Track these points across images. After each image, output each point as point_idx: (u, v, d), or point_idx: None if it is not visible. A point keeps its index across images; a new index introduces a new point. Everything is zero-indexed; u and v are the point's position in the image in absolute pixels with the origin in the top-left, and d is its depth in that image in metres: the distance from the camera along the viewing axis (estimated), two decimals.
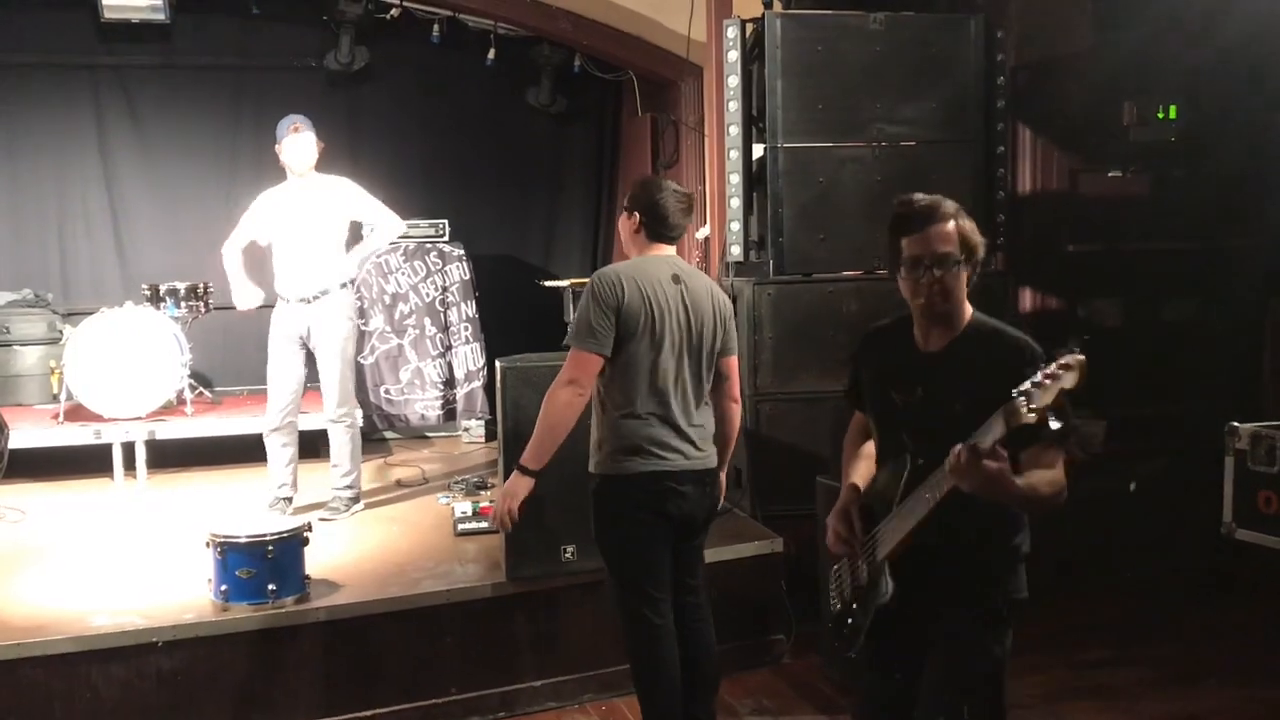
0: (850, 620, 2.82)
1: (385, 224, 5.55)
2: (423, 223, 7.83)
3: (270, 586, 4.10)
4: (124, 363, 6.67)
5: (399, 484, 6.39)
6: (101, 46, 8.04)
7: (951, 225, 2.61)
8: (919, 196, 2.66)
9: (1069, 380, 2.19)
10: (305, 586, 4.25)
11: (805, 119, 5.32)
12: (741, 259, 5.40)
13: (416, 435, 7.89)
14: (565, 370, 3.39)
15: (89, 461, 6.71)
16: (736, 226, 5.38)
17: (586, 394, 3.40)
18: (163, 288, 7.33)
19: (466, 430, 7.73)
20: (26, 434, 6.57)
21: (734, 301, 5.33)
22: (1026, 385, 2.21)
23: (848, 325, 5.24)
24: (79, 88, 8.11)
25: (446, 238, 7.86)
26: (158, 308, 7.26)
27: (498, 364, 4.41)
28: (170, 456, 6.92)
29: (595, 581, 4.40)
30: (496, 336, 7.89)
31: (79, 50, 8.02)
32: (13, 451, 6.55)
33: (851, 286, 5.30)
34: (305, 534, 4.27)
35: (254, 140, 8.17)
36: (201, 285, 7.44)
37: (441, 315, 7.73)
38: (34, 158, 8.07)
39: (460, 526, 5.13)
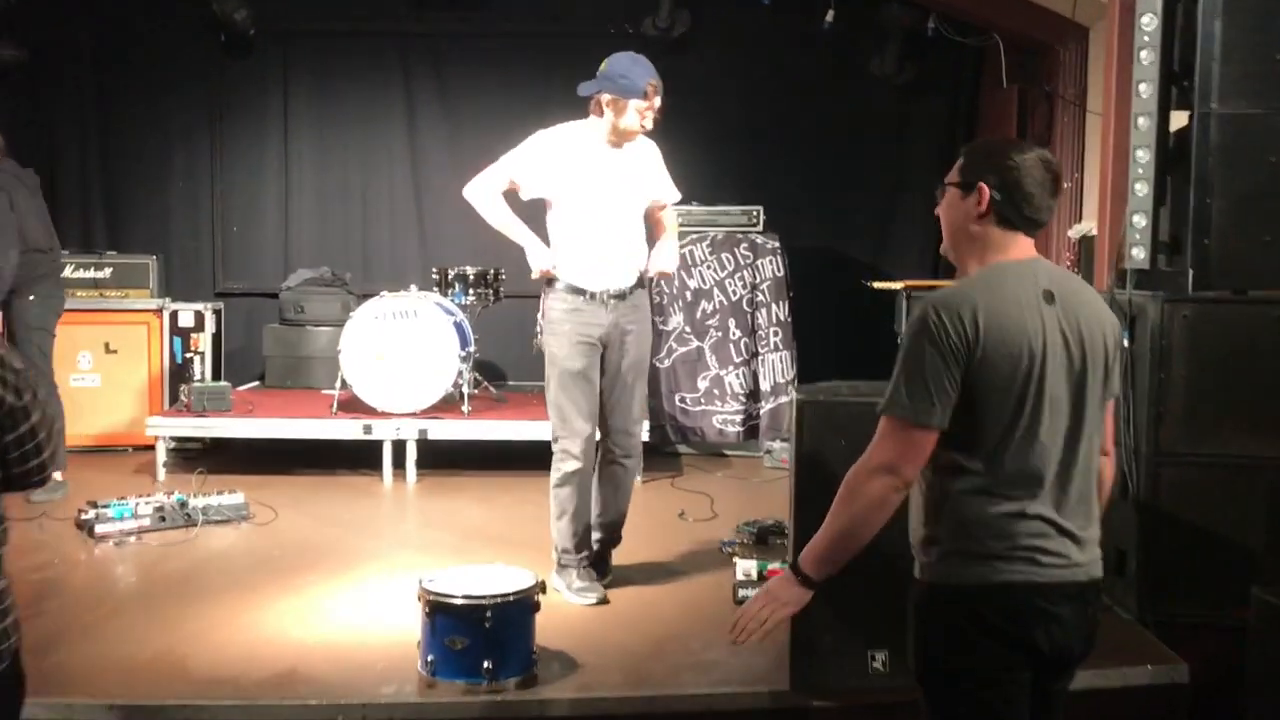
0: None
1: (673, 203, 4.48)
2: (734, 209, 6.79)
3: (486, 664, 3.19)
4: (399, 353, 6.10)
5: (681, 516, 5.39)
6: (412, 14, 7.61)
7: None
8: None
9: None
10: (532, 665, 3.32)
11: (1254, 75, 3.79)
12: (1145, 266, 3.94)
13: (713, 452, 6.88)
14: (877, 449, 2.24)
15: (363, 455, 6.21)
16: (1141, 221, 3.93)
17: (907, 486, 2.24)
18: (451, 272, 6.74)
19: (769, 453, 6.63)
20: (298, 426, 6.16)
21: (1131, 324, 3.91)
22: None
23: None
24: (388, 57, 7.75)
25: (760, 227, 6.77)
26: (445, 294, 6.68)
27: (793, 394, 3.31)
28: (447, 456, 6.30)
29: (913, 701, 3.20)
30: (811, 345, 6.76)
31: (392, 16, 7.64)
32: (289, 441, 6.20)
33: None
34: (536, 597, 3.34)
35: (563, 114, 7.44)
36: (492, 272, 6.81)
37: (748, 317, 6.66)
38: (342, 130, 7.80)
39: (741, 593, 4.04)
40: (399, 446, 6.09)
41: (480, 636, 3.19)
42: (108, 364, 6.79)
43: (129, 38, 7.54)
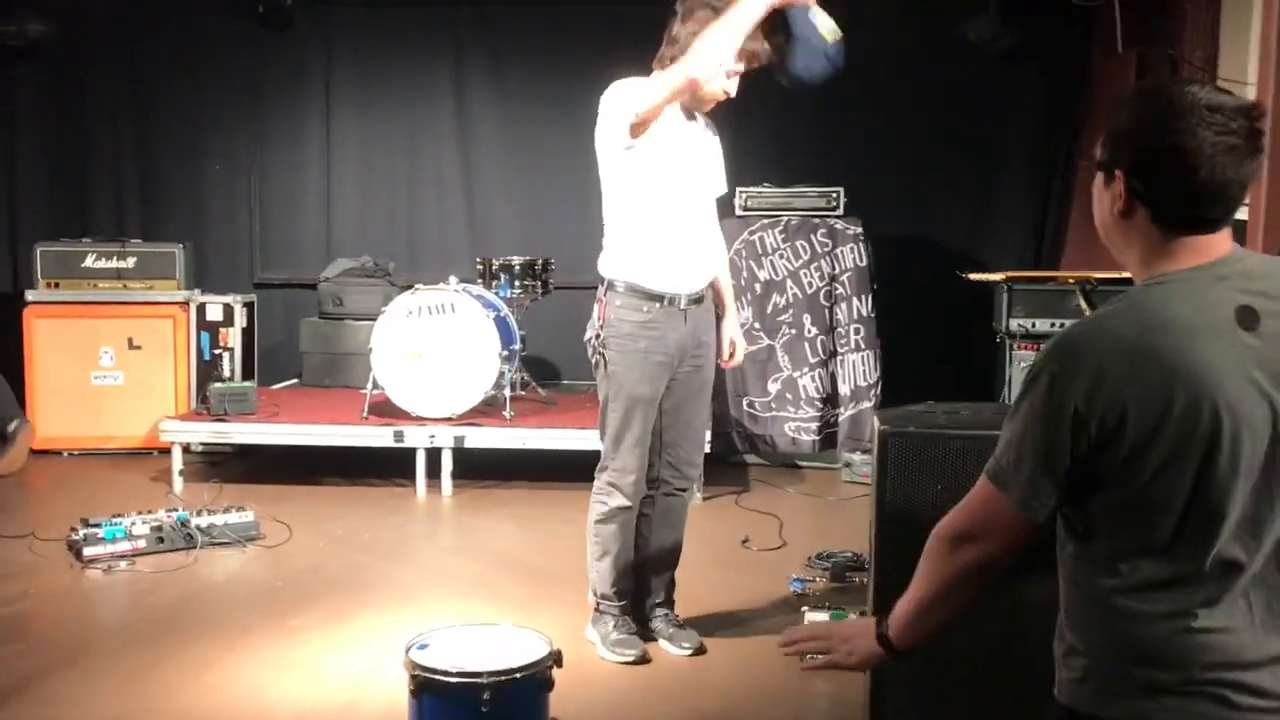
0: None
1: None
2: (811, 190, 6.05)
3: None
4: (434, 352, 5.51)
5: (744, 543, 4.71)
6: None
7: None
8: None
9: None
10: None
11: None
12: None
13: (784, 463, 6.18)
14: (966, 512, 1.66)
15: (398, 462, 5.63)
16: None
17: (1000, 561, 1.64)
18: (496, 263, 6.14)
19: (848, 465, 5.91)
20: (324, 432, 5.59)
21: None
22: None
23: None
24: (437, 29, 7.15)
25: (840, 211, 6.02)
26: (489, 286, 6.08)
27: (875, 423, 2.64)
28: (489, 465, 5.70)
29: None
30: (896, 344, 6.00)
31: None
32: (319, 449, 5.66)
33: None
34: (549, 673, 2.68)
35: None
36: (541, 262, 6.20)
37: (826, 312, 5.93)
38: (386, 107, 7.20)
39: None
40: (434, 454, 5.51)
41: None
42: (131, 361, 6.32)
43: (162, 10, 7.05)
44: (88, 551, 4.30)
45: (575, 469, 5.22)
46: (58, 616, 3.79)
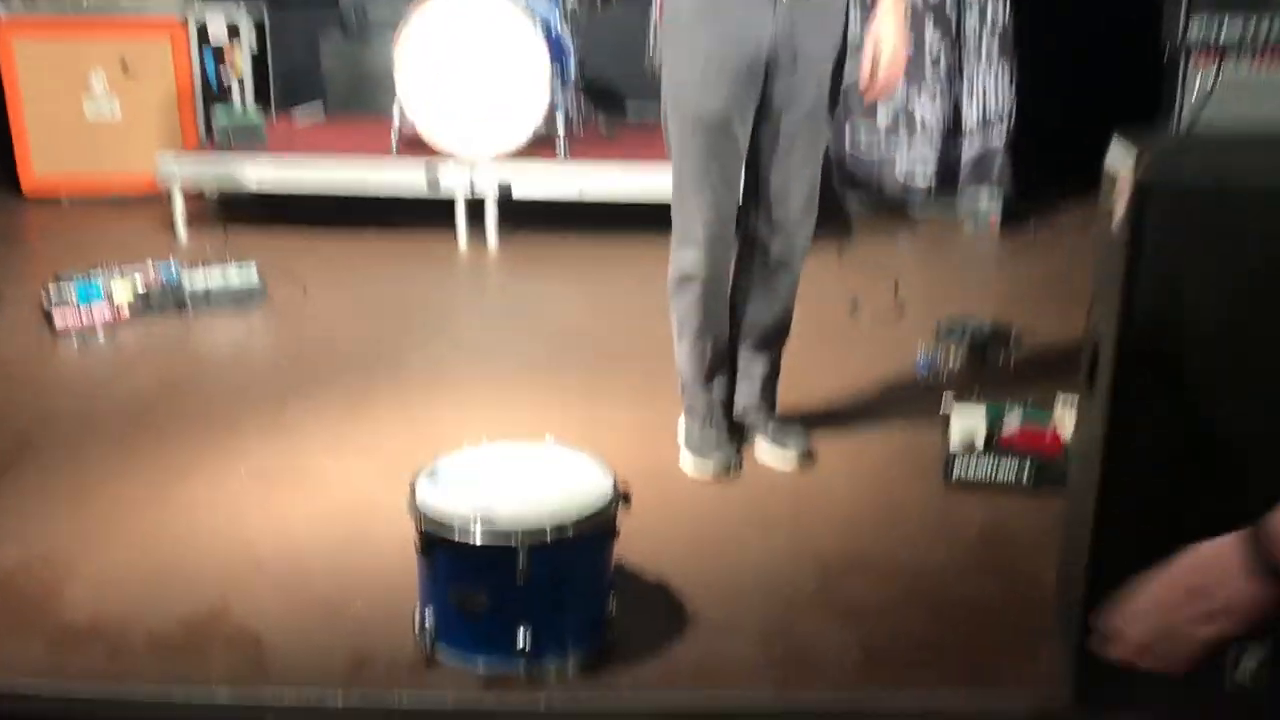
0: None
1: None
2: None
3: (522, 634, 1.81)
4: (470, 73, 4.53)
5: (853, 312, 3.82)
6: None
7: None
8: None
9: None
10: (604, 637, 1.92)
11: None
12: None
13: (893, 208, 5.19)
14: None
15: (433, 208, 4.75)
16: None
17: None
18: None
19: (973, 214, 4.92)
20: (344, 172, 4.71)
21: None
22: None
23: None
24: None
25: None
26: None
27: (1114, 146, 1.68)
28: (540, 213, 4.80)
29: None
30: (1037, 60, 4.88)
31: None
32: (344, 191, 4.81)
33: None
34: (609, 518, 1.90)
35: None
36: None
37: (951, 21, 4.77)
38: None
39: (958, 469, 2.54)
40: (477, 199, 4.64)
41: (512, 592, 1.80)
42: (127, 89, 5.40)
43: None
44: (59, 319, 3.56)
45: (648, 218, 4.32)
46: (8, 401, 3.07)
